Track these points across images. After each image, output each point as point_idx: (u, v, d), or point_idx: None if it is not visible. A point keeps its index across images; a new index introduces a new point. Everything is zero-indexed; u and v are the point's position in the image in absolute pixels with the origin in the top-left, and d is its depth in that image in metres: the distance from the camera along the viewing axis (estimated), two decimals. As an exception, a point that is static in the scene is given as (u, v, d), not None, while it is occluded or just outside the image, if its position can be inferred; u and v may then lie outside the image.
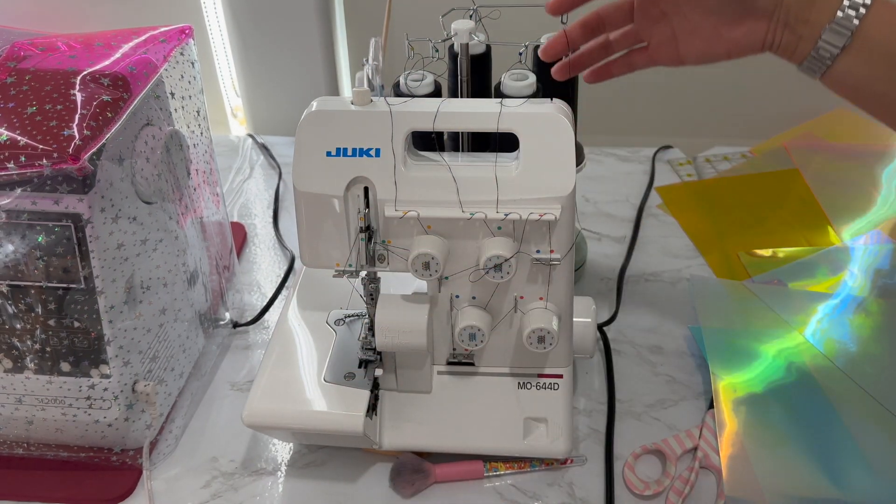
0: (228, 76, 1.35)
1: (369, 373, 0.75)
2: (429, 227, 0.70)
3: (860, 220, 1.06)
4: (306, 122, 0.69)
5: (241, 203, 1.18)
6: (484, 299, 0.73)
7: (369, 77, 0.69)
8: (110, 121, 0.68)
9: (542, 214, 0.67)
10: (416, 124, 0.68)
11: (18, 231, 0.68)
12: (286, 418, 0.73)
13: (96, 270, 0.69)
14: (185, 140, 0.80)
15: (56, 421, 0.76)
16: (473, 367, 0.77)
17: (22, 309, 0.71)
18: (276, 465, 0.79)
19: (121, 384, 0.74)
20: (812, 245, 1.03)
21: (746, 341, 0.87)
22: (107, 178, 0.68)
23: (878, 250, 1.01)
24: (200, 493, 0.77)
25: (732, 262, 1.02)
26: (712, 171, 1.19)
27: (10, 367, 0.74)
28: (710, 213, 1.10)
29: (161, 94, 0.78)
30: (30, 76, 0.70)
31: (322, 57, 1.27)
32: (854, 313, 0.91)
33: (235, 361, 0.92)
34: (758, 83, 1.29)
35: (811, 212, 1.09)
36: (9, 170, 0.64)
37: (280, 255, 1.08)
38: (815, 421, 0.79)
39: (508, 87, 0.79)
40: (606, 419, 0.82)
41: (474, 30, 0.78)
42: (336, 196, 0.69)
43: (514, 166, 0.68)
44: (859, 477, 0.74)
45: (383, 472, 0.77)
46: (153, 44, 0.77)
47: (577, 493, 0.76)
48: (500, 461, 0.77)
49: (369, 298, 0.75)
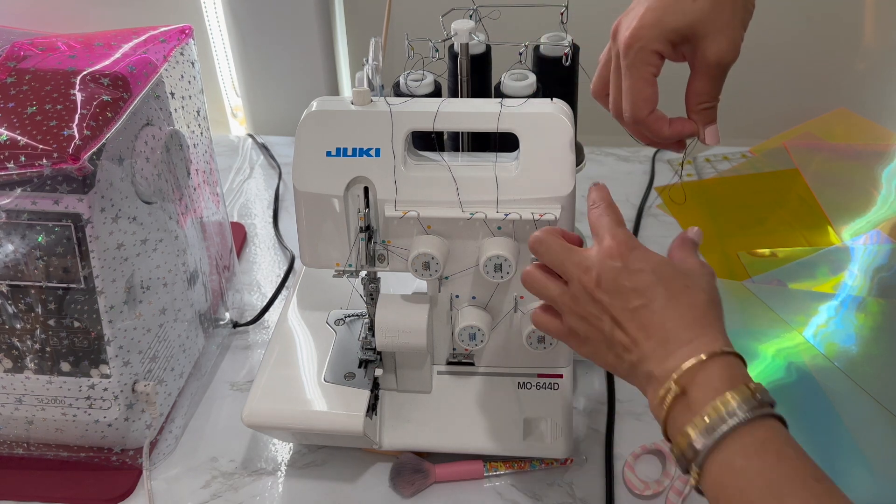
0: (228, 76, 1.35)
1: (369, 373, 0.75)
2: (429, 227, 0.70)
3: (860, 220, 1.06)
4: (306, 122, 0.69)
5: (241, 203, 1.18)
6: (484, 299, 0.73)
7: (369, 77, 0.69)
8: (110, 121, 0.68)
9: (542, 214, 0.67)
10: (416, 124, 0.68)
11: (18, 231, 0.68)
12: (286, 418, 0.73)
13: (96, 270, 0.69)
14: (185, 140, 0.80)
15: (56, 421, 0.76)
16: (473, 367, 0.77)
17: (22, 309, 0.71)
18: (276, 465, 0.79)
19: (121, 384, 0.74)
20: (812, 245, 1.03)
21: (746, 341, 0.87)
22: (107, 178, 0.68)
23: (878, 250, 1.01)
24: (200, 493, 0.77)
25: (732, 262, 1.02)
26: (712, 171, 1.19)
27: (10, 367, 0.74)
28: (710, 213, 1.10)
29: (161, 94, 0.78)
30: (30, 76, 0.70)
31: (322, 57, 1.27)
32: (854, 313, 0.91)
33: (235, 361, 0.92)
34: (758, 83, 1.29)
35: (811, 212, 1.09)
36: (9, 170, 0.64)
37: (280, 255, 1.08)
38: (815, 421, 0.79)
39: (508, 87, 0.79)
40: (606, 419, 0.82)
41: (474, 30, 0.78)
42: (336, 196, 0.69)
43: (514, 166, 0.68)
44: (859, 477, 0.74)
45: (383, 472, 0.77)
46: (153, 44, 0.77)
47: (577, 493, 0.76)
48: (500, 461, 0.77)
49: (369, 298, 0.75)
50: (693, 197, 1.14)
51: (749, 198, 1.13)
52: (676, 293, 0.55)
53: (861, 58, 1.28)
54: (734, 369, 0.52)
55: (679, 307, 0.55)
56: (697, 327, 0.54)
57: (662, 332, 0.54)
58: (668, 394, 0.52)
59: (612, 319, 0.57)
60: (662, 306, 0.55)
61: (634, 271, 0.56)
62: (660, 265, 0.57)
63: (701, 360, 0.52)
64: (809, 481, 0.47)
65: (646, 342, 0.55)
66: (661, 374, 0.53)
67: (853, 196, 1.10)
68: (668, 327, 0.54)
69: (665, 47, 0.61)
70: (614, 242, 0.58)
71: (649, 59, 0.61)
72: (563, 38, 0.81)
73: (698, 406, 0.51)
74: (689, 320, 0.54)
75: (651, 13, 0.61)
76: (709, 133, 0.64)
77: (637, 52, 0.61)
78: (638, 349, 0.55)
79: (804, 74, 1.28)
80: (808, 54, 1.27)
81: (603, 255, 0.58)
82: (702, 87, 0.63)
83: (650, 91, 0.62)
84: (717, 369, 0.52)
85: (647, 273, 0.56)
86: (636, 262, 0.57)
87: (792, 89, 1.30)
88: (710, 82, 0.63)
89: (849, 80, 1.29)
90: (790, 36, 1.26)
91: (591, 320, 0.58)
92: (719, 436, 0.49)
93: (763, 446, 0.49)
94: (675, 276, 0.57)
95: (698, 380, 0.52)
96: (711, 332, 0.54)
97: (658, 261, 0.57)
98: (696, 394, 0.51)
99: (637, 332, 0.55)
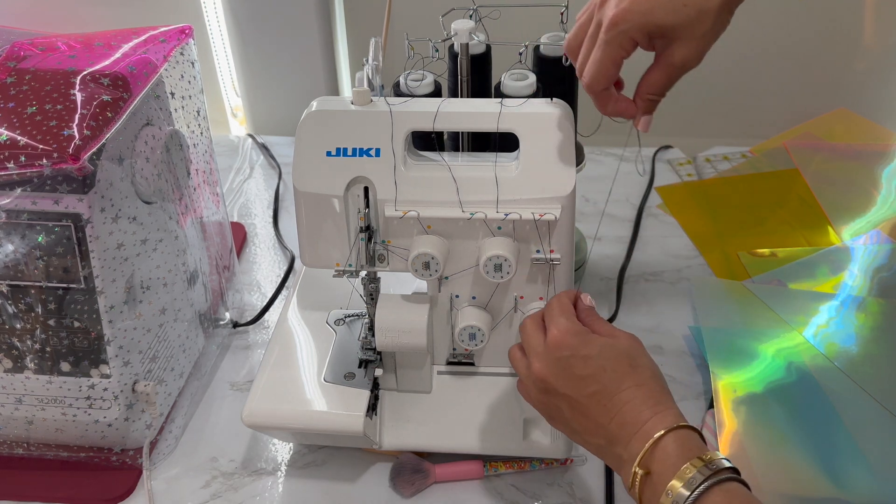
0: (228, 76, 1.35)
1: (369, 373, 0.75)
2: (429, 227, 0.70)
3: (860, 220, 1.06)
4: (306, 122, 0.69)
5: (241, 203, 1.18)
6: (484, 299, 0.73)
7: (369, 77, 0.69)
8: (110, 121, 0.68)
9: (541, 214, 0.67)
10: (416, 124, 0.68)
11: (18, 231, 0.68)
12: (286, 418, 0.73)
13: (96, 270, 0.69)
14: (185, 140, 0.80)
15: (56, 421, 0.76)
16: (473, 367, 0.77)
17: (22, 309, 0.71)
18: (275, 465, 0.79)
19: (121, 384, 0.74)
20: (812, 245, 1.03)
21: (746, 341, 0.87)
22: (107, 178, 0.68)
23: (878, 250, 1.01)
24: (200, 493, 0.77)
25: (732, 262, 1.02)
26: (712, 171, 1.19)
27: (10, 367, 0.74)
28: (710, 213, 1.10)
29: (161, 93, 0.78)
30: (30, 76, 0.70)
31: (322, 57, 1.27)
32: (854, 313, 0.91)
33: (235, 361, 0.92)
34: (758, 83, 1.29)
35: (811, 212, 1.09)
36: (9, 170, 0.64)
37: (280, 255, 1.08)
38: (815, 421, 0.79)
39: (508, 87, 0.79)
40: (606, 419, 0.82)
41: (474, 30, 0.78)
42: (336, 196, 0.69)
43: (514, 166, 0.68)
44: (859, 477, 0.74)
45: (383, 472, 0.77)
46: (153, 44, 0.77)
47: (577, 493, 0.76)
48: (500, 461, 0.77)
49: (369, 298, 0.75)
50: (693, 197, 1.14)
51: (749, 198, 1.13)
52: (625, 375, 0.59)
53: (861, 58, 1.28)
54: (687, 441, 0.56)
55: (630, 388, 0.59)
56: (652, 404, 0.58)
57: (620, 416, 0.58)
58: (636, 479, 0.56)
59: (569, 406, 0.61)
60: (616, 391, 0.59)
61: (583, 357, 0.60)
62: (604, 349, 0.61)
63: (657, 439, 0.56)
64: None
65: (608, 426, 0.59)
66: (628, 457, 0.57)
67: (853, 196, 1.10)
68: (624, 411, 0.58)
69: (643, 38, 0.64)
70: (559, 333, 0.62)
71: (625, 43, 0.64)
72: (562, 38, 0.81)
73: (661, 484, 0.54)
74: (641, 400, 0.58)
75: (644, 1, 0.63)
76: (643, 121, 0.68)
77: (616, 34, 0.63)
78: (604, 432, 0.59)
79: (804, 74, 1.28)
80: (808, 54, 1.27)
81: (552, 346, 0.62)
82: (657, 80, 0.66)
83: (613, 71, 0.65)
84: (672, 446, 0.56)
85: (595, 358, 0.60)
86: (583, 348, 0.61)
87: (792, 89, 1.30)
88: (666, 79, 0.66)
89: (849, 80, 1.29)
90: (790, 36, 1.26)
91: (549, 405, 0.63)
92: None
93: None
94: (619, 357, 0.60)
95: (657, 457, 0.56)
96: (663, 408, 0.58)
97: (602, 343, 0.61)
98: (658, 471, 0.55)
99: (599, 416, 0.59)
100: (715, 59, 0.80)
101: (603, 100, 0.67)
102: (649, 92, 0.67)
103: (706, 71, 0.76)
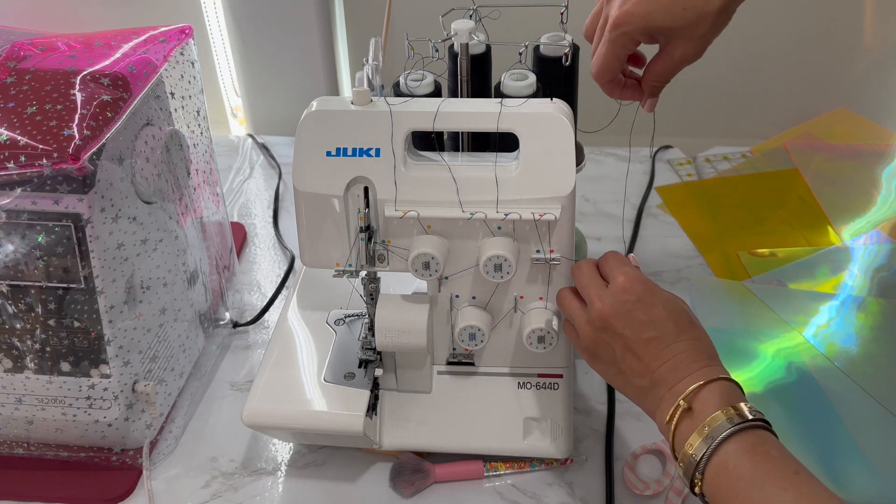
0: (228, 76, 1.35)
1: (369, 373, 0.75)
2: (429, 227, 0.70)
3: (860, 220, 1.06)
4: (306, 122, 0.69)
5: (241, 203, 1.18)
6: (484, 299, 0.73)
7: (369, 77, 0.69)
8: (110, 121, 0.68)
9: (541, 214, 0.67)
10: (416, 124, 0.68)
11: (18, 231, 0.68)
12: (286, 418, 0.73)
13: (96, 270, 0.69)
14: (185, 140, 0.80)
15: (56, 421, 0.76)
16: (473, 367, 0.77)
17: (22, 309, 0.71)
18: (275, 465, 0.79)
19: (121, 384, 0.74)
20: (812, 245, 1.03)
21: (746, 341, 0.87)
22: (107, 178, 0.68)
23: (878, 250, 1.01)
24: (200, 493, 0.77)
25: (732, 262, 1.02)
26: (712, 171, 1.19)
27: (10, 367, 0.74)
28: (710, 213, 1.10)
29: (161, 93, 0.78)
30: (30, 76, 0.70)
31: (322, 57, 1.27)
32: (854, 313, 0.91)
33: (235, 361, 0.92)
34: (758, 83, 1.29)
35: (811, 212, 1.09)
36: (9, 170, 0.64)
37: (280, 255, 1.08)
38: (815, 421, 0.79)
39: (508, 87, 0.79)
40: (606, 419, 0.82)
41: (474, 30, 0.78)
42: (336, 196, 0.69)
43: (514, 166, 0.68)
44: (859, 477, 0.74)
45: (383, 472, 0.77)
46: (153, 44, 0.77)
47: (577, 493, 0.76)
48: (500, 461, 0.77)
49: (369, 298, 0.75)
50: (693, 197, 1.14)
51: (749, 198, 1.13)
52: (685, 328, 0.63)
53: (861, 58, 1.28)
54: (732, 391, 0.59)
55: (688, 340, 0.62)
56: (704, 358, 0.61)
57: (673, 361, 0.61)
58: (677, 411, 0.59)
59: (623, 346, 0.63)
60: (674, 339, 0.62)
61: (648, 305, 0.63)
62: (668, 301, 0.64)
63: (705, 383, 0.59)
64: (789, 474, 0.54)
65: (658, 369, 0.61)
66: (671, 396, 0.60)
67: (853, 196, 1.10)
68: (678, 358, 0.61)
69: (644, 38, 0.69)
70: (626, 280, 0.64)
71: (627, 43, 0.69)
72: (563, 38, 0.81)
73: (700, 418, 0.58)
74: (695, 353, 0.61)
75: (644, 4, 0.67)
76: (649, 103, 0.76)
77: (618, 35, 0.69)
78: (651, 375, 0.62)
79: (804, 74, 1.28)
80: (808, 54, 1.27)
81: (618, 289, 0.64)
82: (661, 70, 0.72)
83: (617, 65, 0.71)
84: (718, 390, 0.59)
85: (659, 307, 0.63)
86: (648, 297, 0.64)
87: (792, 89, 1.30)
88: (668, 71, 0.72)
89: (849, 80, 1.29)
90: (790, 36, 1.26)
91: (601, 344, 0.65)
92: (715, 443, 0.56)
93: (752, 449, 0.55)
94: (680, 312, 0.64)
95: (701, 397, 0.59)
96: (714, 363, 0.61)
97: (666, 297, 0.64)
98: (699, 409, 0.58)
99: (651, 361, 0.62)
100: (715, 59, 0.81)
101: (608, 89, 0.74)
102: (654, 80, 0.73)
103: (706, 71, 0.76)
